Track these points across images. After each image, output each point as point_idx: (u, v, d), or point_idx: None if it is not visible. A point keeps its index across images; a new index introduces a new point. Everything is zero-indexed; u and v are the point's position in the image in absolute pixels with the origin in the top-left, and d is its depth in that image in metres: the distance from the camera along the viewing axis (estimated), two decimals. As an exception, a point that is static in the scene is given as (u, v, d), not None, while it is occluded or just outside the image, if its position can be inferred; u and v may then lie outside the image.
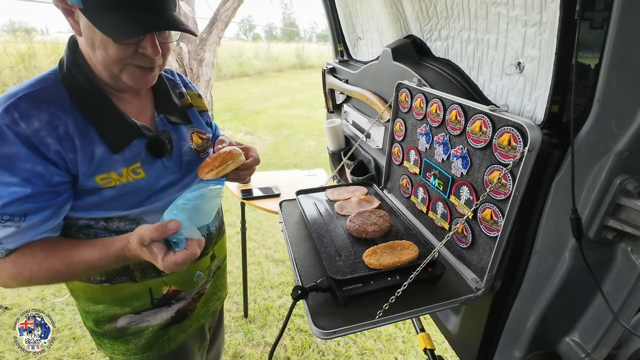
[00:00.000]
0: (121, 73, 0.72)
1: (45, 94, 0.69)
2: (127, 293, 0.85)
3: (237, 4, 4.76)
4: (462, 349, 0.99)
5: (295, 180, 2.11)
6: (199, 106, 0.98)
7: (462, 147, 0.84)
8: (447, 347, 2.02)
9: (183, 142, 0.87)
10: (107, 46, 0.68)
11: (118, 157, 0.74)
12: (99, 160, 0.72)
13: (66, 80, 0.71)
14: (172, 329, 0.94)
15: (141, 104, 0.83)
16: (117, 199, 0.75)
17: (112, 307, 0.85)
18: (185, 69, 4.82)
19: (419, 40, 1.17)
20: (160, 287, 0.88)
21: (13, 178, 0.64)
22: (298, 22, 49.41)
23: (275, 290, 2.47)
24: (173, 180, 0.83)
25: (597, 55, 0.59)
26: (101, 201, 0.74)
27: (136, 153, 0.77)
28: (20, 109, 0.65)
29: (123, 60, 0.70)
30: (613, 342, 0.69)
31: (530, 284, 0.76)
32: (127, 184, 0.75)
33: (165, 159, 0.82)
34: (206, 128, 0.97)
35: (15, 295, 2.26)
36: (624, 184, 0.59)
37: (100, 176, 0.72)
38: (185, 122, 0.90)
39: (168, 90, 0.90)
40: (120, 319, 0.87)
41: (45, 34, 8.92)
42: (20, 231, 0.67)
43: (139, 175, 0.77)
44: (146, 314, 0.89)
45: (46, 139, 0.66)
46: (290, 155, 5.19)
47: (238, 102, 8.37)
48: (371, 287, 0.75)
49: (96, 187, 0.72)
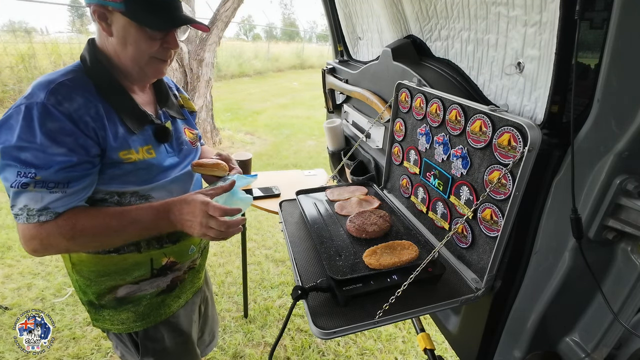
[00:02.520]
0: (147, 65, 0.87)
1: (77, 82, 0.81)
2: (131, 262, 0.94)
3: (237, 4, 4.75)
4: (462, 349, 0.99)
5: (295, 180, 2.11)
6: (189, 107, 1.13)
7: (462, 147, 0.84)
8: (447, 347, 2.02)
9: (179, 134, 1.02)
10: (139, 42, 0.83)
11: (135, 137, 0.87)
12: (122, 139, 0.84)
13: (91, 73, 0.84)
14: (166, 297, 1.04)
15: (147, 97, 0.97)
16: (133, 174, 0.86)
17: (115, 277, 0.94)
18: (186, 69, 4.82)
19: (419, 40, 1.17)
20: (160, 257, 0.98)
21: (61, 149, 0.75)
22: (298, 22, 49.40)
23: (275, 290, 2.47)
24: (174, 163, 0.97)
25: (597, 55, 0.59)
26: (120, 174, 0.85)
27: (148, 136, 0.91)
28: (62, 92, 0.77)
29: (151, 53, 0.86)
30: (613, 342, 0.69)
31: (530, 284, 0.76)
32: (143, 160, 0.87)
33: (167, 144, 0.96)
34: (195, 126, 1.13)
35: (15, 296, 2.26)
36: (624, 184, 0.59)
37: (123, 152, 0.84)
38: (181, 117, 1.05)
39: (167, 88, 1.05)
40: (120, 288, 0.96)
41: (45, 34, 8.92)
42: (66, 196, 0.77)
43: (151, 155, 0.90)
44: (144, 284, 0.98)
45: (85, 116, 0.78)
46: (290, 155, 5.19)
47: (238, 102, 8.37)
48: (371, 287, 0.75)
49: (118, 161, 0.83)
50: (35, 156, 0.73)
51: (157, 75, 0.93)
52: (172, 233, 0.96)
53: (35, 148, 0.73)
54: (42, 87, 0.77)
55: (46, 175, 0.74)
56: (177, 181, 0.97)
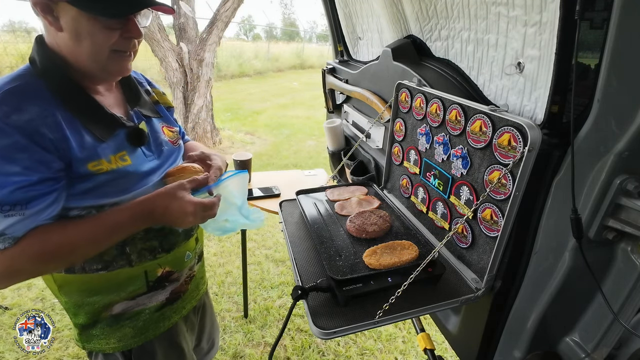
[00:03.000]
0: (108, 61, 0.76)
1: (28, 89, 0.71)
2: (123, 278, 0.87)
3: (237, 4, 4.75)
4: (462, 349, 0.99)
5: (295, 180, 2.11)
6: (165, 102, 1.03)
7: (462, 147, 0.84)
8: (447, 347, 2.02)
9: (157, 134, 0.93)
10: (94, 34, 0.72)
11: (105, 145, 0.78)
12: (89, 148, 0.75)
13: (43, 76, 0.74)
14: (167, 309, 0.97)
15: (114, 97, 0.88)
16: (109, 184, 0.78)
17: (108, 295, 0.87)
18: (186, 69, 4.82)
19: (419, 40, 1.17)
20: (155, 269, 0.91)
21: (15, 167, 0.66)
22: (298, 22, 49.41)
23: (275, 290, 2.47)
24: (154, 167, 0.88)
25: (597, 55, 0.59)
26: (93, 187, 0.76)
27: (120, 142, 0.81)
28: (9, 102, 0.67)
29: (109, 46, 0.74)
30: (613, 342, 0.69)
31: (530, 284, 0.76)
32: (117, 169, 0.78)
33: (144, 147, 0.87)
34: (174, 123, 1.03)
35: (15, 296, 2.26)
36: (624, 184, 0.59)
37: (92, 163, 0.75)
38: (156, 115, 0.96)
39: (136, 85, 0.94)
40: (116, 305, 0.89)
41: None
42: (25, 218, 0.68)
43: (126, 162, 0.81)
44: (141, 299, 0.92)
45: (40, 128, 0.68)
46: (290, 155, 5.19)
47: (238, 102, 8.37)
48: (371, 287, 0.75)
49: (88, 173, 0.74)
50: None
51: (121, 72, 0.82)
52: (166, 241, 0.91)
53: None
54: None
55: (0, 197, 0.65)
56: (157, 187, 0.88)
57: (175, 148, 0.97)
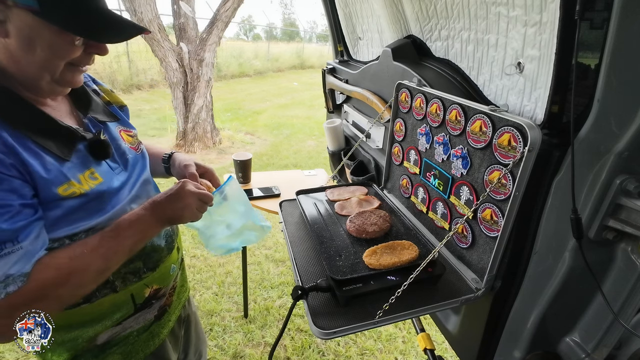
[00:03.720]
0: (61, 74, 0.67)
1: None
2: (107, 306, 0.80)
3: (237, 4, 4.75)
4: (462, 349, 0.99)
5: (295, 180, 2.11)
6: (117, 102, 0.92)
7: (462, 147, 0.84)
8: (447, 347, 2.02)
9: (117, 141, 0.83)
10: (55, 47, 0.63)
11: (69, 164, 0.69)
12: (52, 171, 0.65)
13: None
14: (154, 327, 0.92)
15: (63, 107, 0.77)
16: (81, 209, 0.69)
17: (92, 326, 0.80)
18: (186, 69, 4.82)
19: (419, 41, 1.17)
20: (142, 290, 0.85)
21: None
22: (298, 22, 49.43)
23: (275, 290, 2.47)
24: (124, 180, 0.80)
25: (597, 55, 0.59)
26: (64, 214, 0.67)
27: (84, 158, 0.72)
28: None
29: (69, 60, 0.66)
30: (613, 342, 0.69)
31: (531, 284, 0.76)
32: (90, 191, 0.70)
33: (109, 160, 0.78)
34: (131, 125, 0.93)
35: (15, 295, 2.26)
36: (624, 184, 0.59)
37: (62, 187, 0.66)
38: (112, 119, 0.85)
39: (84, 88, 0.83)
40: (100, 335, 0.82)
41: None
42: (24, 252, 0.61)
43: (97, 181, 0.72)
44: (128, 322, 0.85)
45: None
46: (290, 155, 5.19)
47: (238, 102, 8.37)
48: (371, 287, 0.75)
49: (59, 199, 0.66)
50: None
51: (73, 84, 0.72)
52: (150, 259, 0.85)
53: None
54: None
55: None
56: (136, 199, 0.81)
57: (139, 155, 0.88)
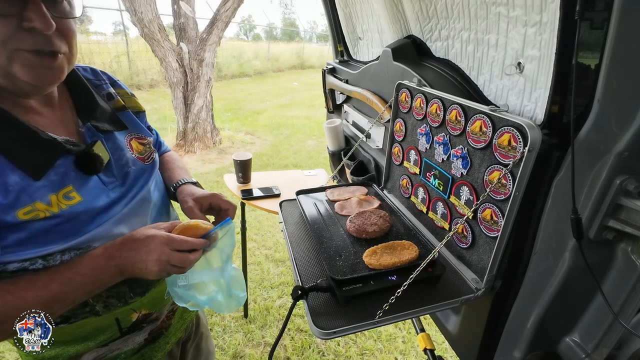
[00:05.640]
0: (11, 64, 0.55)
1: None
2: (90, 328, 0.72)
3: (237, 4, 4.75)
4: (462, 349, 0.99)
5: (295, 180, 2.11)
6: (134, 107, 0.84)
7: (462, 147, 0.84)
8: (447, 347, 2.02)
9: (121, 152, 0.74)
10: None
11: (41, 183, 0.60)
12: (16, 191, 0.57)
13: None
14: (147, 350, 0.84)
15: (58, 113, 0.69)
16: (51, 232, 0.61)
17: (74, 345, 0.73)
18: (186, 69, 4.82)
19: (419, 41, 1.17)
20: (128, 315, 0.77)
21: None
22: (298, 22, 49.41)
23: (275, 290, 2.47)
24: (117, 197, 0.71)
25: (597, 56, 0.59)
26: (30, 237, 0.59)
27: (63, 174, 0.63)
28: None
29: (6, 43, 0.53)
30: (613, 342, 0.69)
31: (530, 284, 0.76)
32: (61, 213, 0.61)
33: (102, 174, 0.69)
34: (146, 132, 0.84)
35: (15, 295, 2.26)
36: (624, 184, 0.59)
37: (23, 210, 0.57)
38: (118, 127, 0.77)
39: (90, 91, 0.75)
40: (84, 356, 0.75)
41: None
42: None
43: (74, 200, 0.63)
44: (114, 344, 0.78)
45: None
46: (290, 155, 5.19)
47: (238, 102, 8.37)
48: (371, 287, 0.75)
49: (18, 222, 0.57)
50: None
51: (40, 80, 0.59)
52: (137, 284, 0.76)
53: None
54: None
55: None
56: (124, 221, 0.70)
57: (147, 166, 0.79)
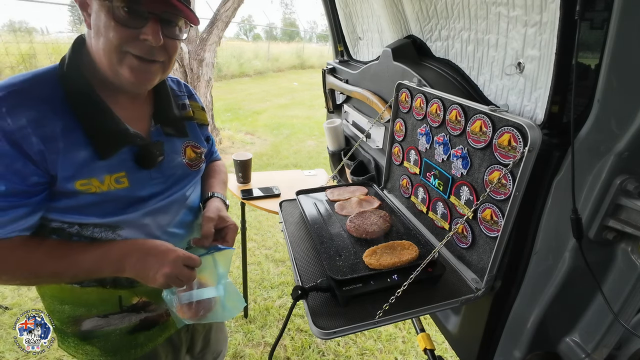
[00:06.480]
0: (121, 64, 0.70)
1: (37, 90, 0.67)
2: (94, 297, 0.82)
3: (237, 4, 4.76)
4: (462, 349, 0.99)
5: (295, 180, 2.11)
6: (200, 119, 0.97)
7: (462, 147, 0.84)
8: (447, 347, 2.02)
9: (175, 155, 0.86)
10: (108, 31, 0.66)
11: (103, 163, 0.71)
12: (81, 165, 0.69)
13: (64, 78, 0.70)
14: (140, 335, 0.91)
15: (138, 111, 0.81)
16: (94, 206, 0.72)
17: (78, 308, 0.83)
18: (186, 69, 4.82)
19: (419, 41, 1.17)
20: (130, 296, 0.86)
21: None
22: (298, 22, 49.41)
23: (275, 290, 2.47)
24: (156, 192, 0.81)
25: (597, 56, 0.59)
26: (77, 206, 0.71)
27: (122, 161, 0.74)
28: (9, 103, 0.63)
29: (122, 46, 0.68)
30: (613, 342, 0.69)
31: (531, 284, 0.76)
32: (108, 192, 0.72)
33: (153, 170, 0.80)
34: (202, 143, 0.96)
35: (15, 295, 2.26)
36: (624, 184, 0.59)
37: (81, 181, 0.69)
38: (180, 135, 0.88)
39: (170, 99, 0.88)
40: (85, 321, 0.85)
41: (45, 34, 8.93)
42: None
43: (122, 185, 0.74)
44: (113, 318, 0.86)
45: (31, 137, 0.64)
46: (290, 155, 5.19)
47: (238, 102, 8.37)
48: (371, 287, 0.75)
49: (74, 191, 0.69)
50: None
51: (138, 80, 0.72)
52: None
53: None
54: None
55: None
56: (153, 214, 0.81)
57: (192, 172, 0.91)
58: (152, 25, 0.69)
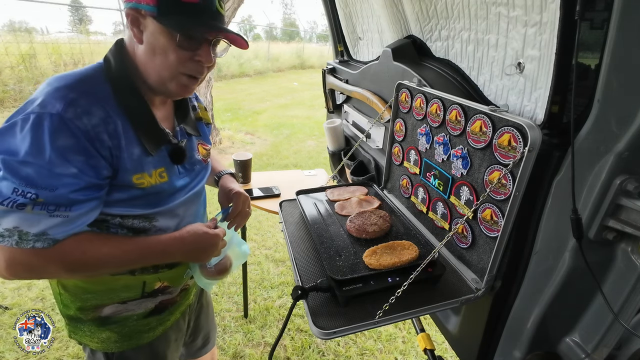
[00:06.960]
0: (171, 80, 0.77)
1: (99, 92, 0.73)
2: (121, 284, 0.88)
3: (237, 4, 4.76)
4: (462, 349, 0.99)
5: (295, 180, 2.10)
6: (206, 119, 1.06)
7: (462, 147, 0.84)
8: (447, 347, 2.02)
9: (193, 152, 0.95)
10: (167, 52, 0.74)
11: (150, 159, 0.80)
12: (137, 160, 0.77)
13: (112, 80, 0.76)
14: (152, 320, 0.97)
15: (166, 112, 0.90)
16: (141, 199, 0.80)
17: (102, 296, 0.88)
18: (186, 69, 4.82)
19: (419, 41, 1.17)
20: (154, 282, 0.92)
21: (70, 169, 0.67)
22: (298, 22, 49.43)
23: (275, 290, 2.47)
24: (184, 185, 0.91)
25: (597, 56, 0.59)
26: (127, 199, 0.78)
27: (162, 157, 0.83)
28: (82, 104, 0.69)
29: (178, 66, 0.76)
30: (613, 342, 0.69)
31: (530, 284, 0.76)
32: (154, 185, 0.81)
33: (181, 165, 0.89)
34: (209, 141, 1.06)
35: (15, 295, 2.26)
36: (624, 184, 0.59)
37: (136, 175, 0.77)
38: (196, 133, 0.97)
39: (187, 102, 0.97)
40: (106, 308, 0.89)
41: (45, 34, 8.93)
42: (67, 221, 0.69)
43: (163, 179, 0.83)
44: (132, 304, 0.92)
45: (102, 134, 0.70)
46: (290, 155, 5.19)
47: (238, 102, 8.37)
48: (371, 287, 0.75)
49: (129, 185, 0.77)
50: (40, 174, 0.64)
51: (182, 93, 0.82)
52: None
53: (40, 165, 0.64)
54: (58, 95, 0.67)
55: (49, 197, 0.65)
56: (184, 204, 0.91)
57: (205, 166, 1.00)
58: (206, 48, 0.77)
